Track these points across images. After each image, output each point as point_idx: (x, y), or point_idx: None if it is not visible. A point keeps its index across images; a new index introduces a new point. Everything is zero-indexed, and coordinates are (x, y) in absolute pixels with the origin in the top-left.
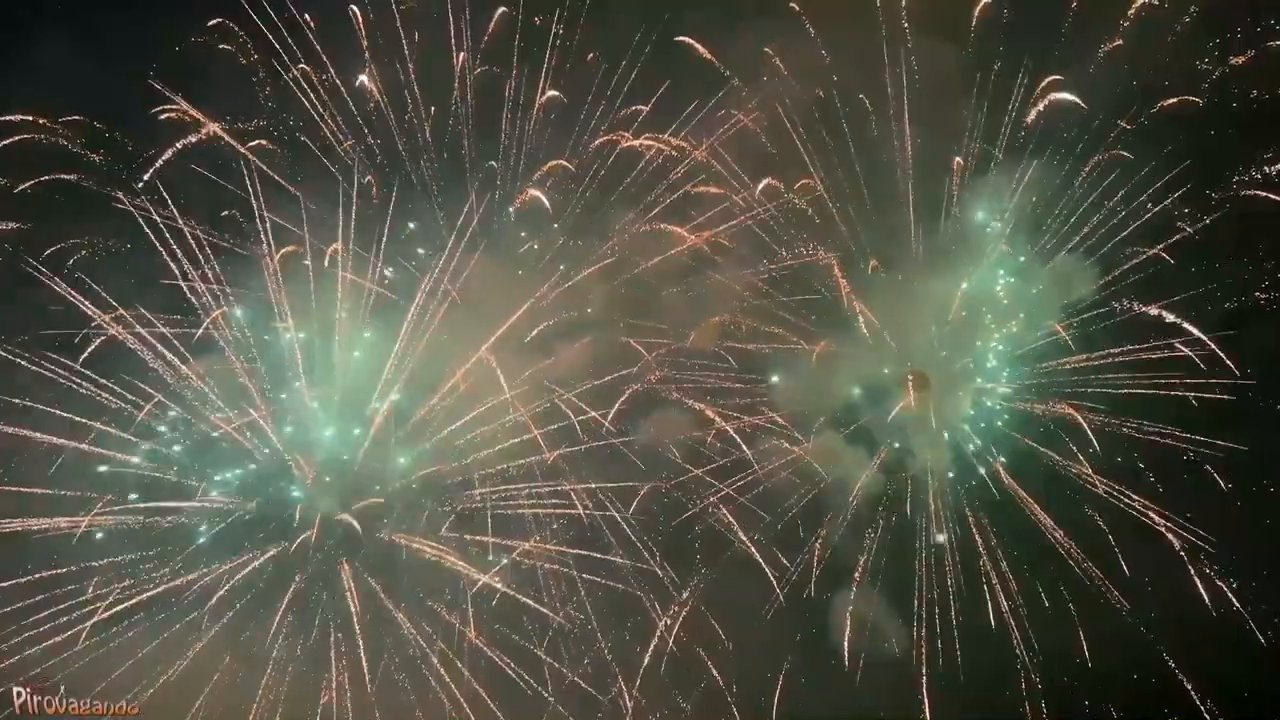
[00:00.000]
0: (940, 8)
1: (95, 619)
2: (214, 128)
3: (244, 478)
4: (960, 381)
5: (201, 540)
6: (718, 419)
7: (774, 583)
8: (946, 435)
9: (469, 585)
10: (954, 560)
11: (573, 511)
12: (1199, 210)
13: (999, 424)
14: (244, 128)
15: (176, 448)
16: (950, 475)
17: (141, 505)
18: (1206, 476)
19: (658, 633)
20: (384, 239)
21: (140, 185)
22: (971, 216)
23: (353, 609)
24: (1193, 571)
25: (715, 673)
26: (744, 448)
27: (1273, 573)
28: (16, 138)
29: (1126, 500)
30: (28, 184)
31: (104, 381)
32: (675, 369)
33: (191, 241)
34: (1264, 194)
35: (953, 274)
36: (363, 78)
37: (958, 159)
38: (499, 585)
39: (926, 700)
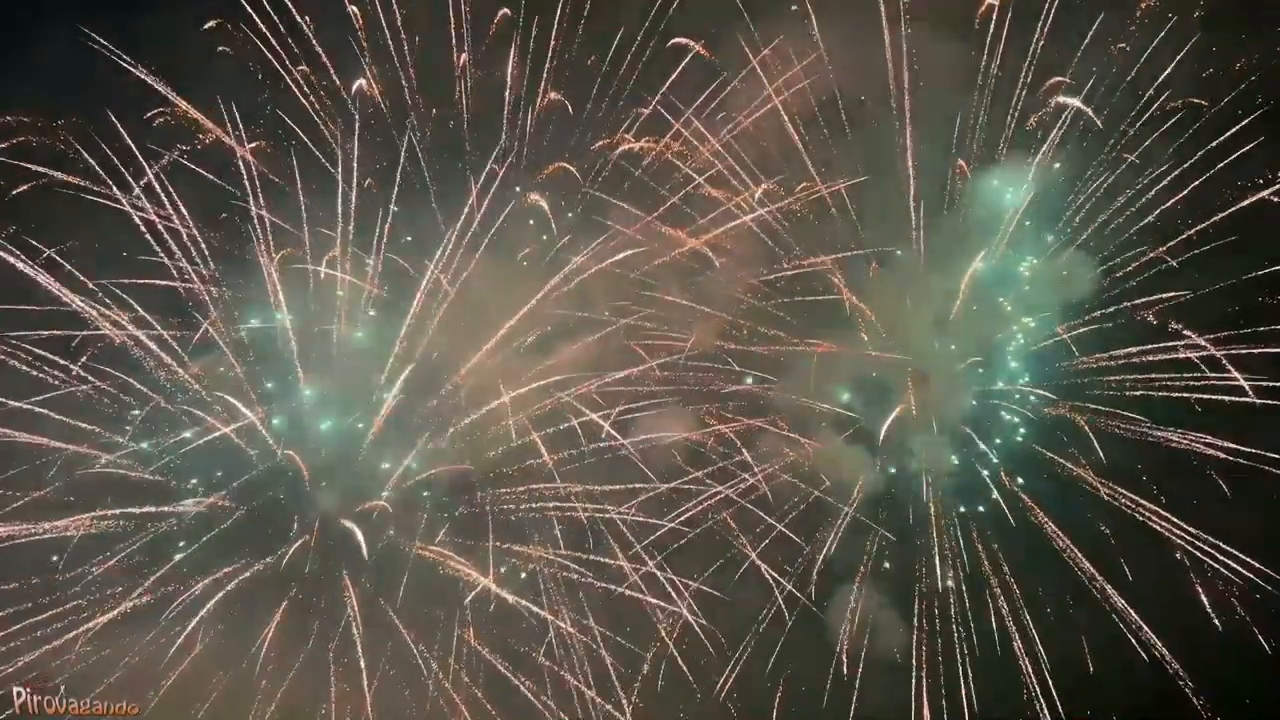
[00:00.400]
0: (943, 8)
1: (93, 623)
2: (213, 129)
3: (243, 481)
4: (963, 382)
5: (199, 544)
6: (717, 422)
7: (774, 586)
8: (947, 438)
9: (468, 589)
10: (956, 570)
11: (573, 513)
12: (1203, 212)
13: (1018, 439)
14: (242, 131)
15: (171, 451)
16: (950, 477)
17: (138, 510)
18: (1210, 480)
19: (658, 636)
20: (384, 240)
21: (138, 188)
22: (974, 216)
23: (352, 613)
24: (1194, 577)
25: (715, 676)
26: (744, 450)
27: (1276, 579)
28: (15, 140)
29: (1130, 504)
30: (25, 186)
31: (100, 384)
32: (675, 370)
33: (189, 243)
34: (1268, 195)
35: (955, 273)
36: (361, 81)
37: (960, 160)
38: (499, 590)
39: (926, 706)
